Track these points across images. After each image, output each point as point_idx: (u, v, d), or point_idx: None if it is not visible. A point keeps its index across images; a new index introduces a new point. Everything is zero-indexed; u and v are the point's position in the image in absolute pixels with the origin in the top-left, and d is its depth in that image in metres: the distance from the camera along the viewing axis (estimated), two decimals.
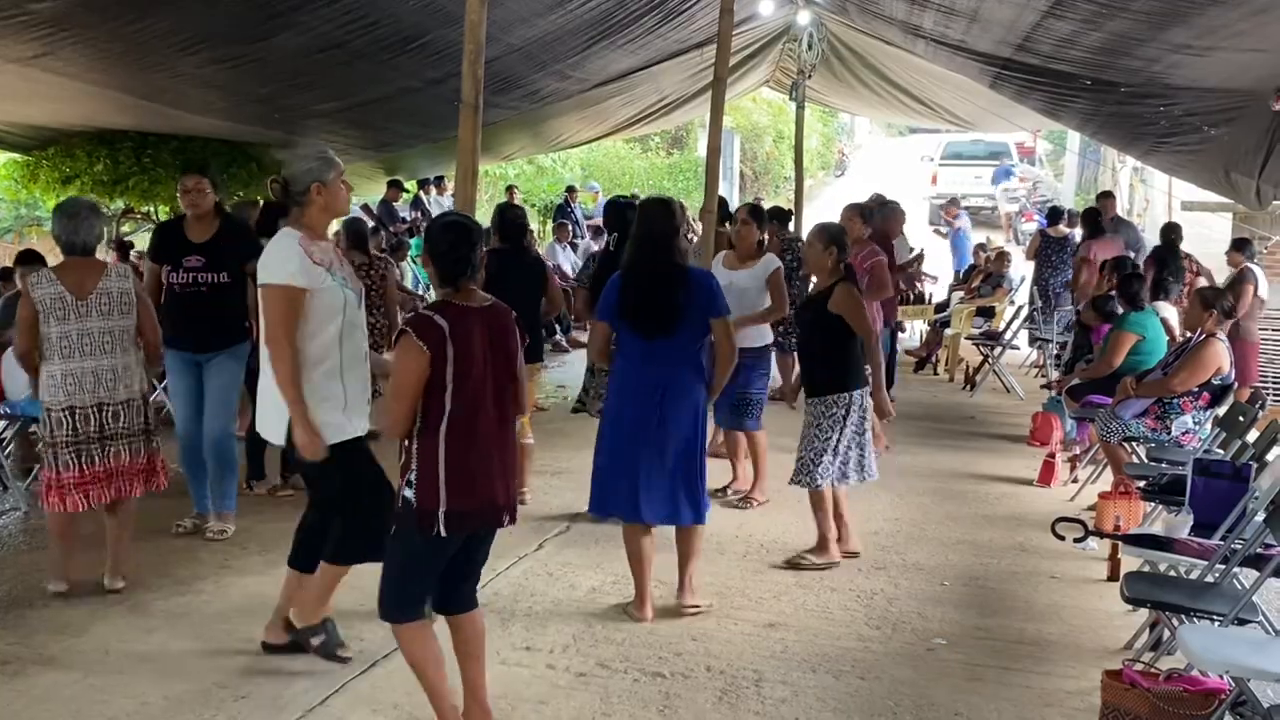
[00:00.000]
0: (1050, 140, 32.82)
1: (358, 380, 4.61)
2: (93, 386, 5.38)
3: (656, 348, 5.22)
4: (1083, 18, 7.64)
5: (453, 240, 3.93)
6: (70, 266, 5.43)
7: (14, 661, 4.78)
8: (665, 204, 5.45)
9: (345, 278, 4.60)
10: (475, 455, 3.87)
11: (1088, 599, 5.86)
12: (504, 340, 3.96)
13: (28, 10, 6.63)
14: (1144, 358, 7.96)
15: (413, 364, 3.77)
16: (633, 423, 5.23)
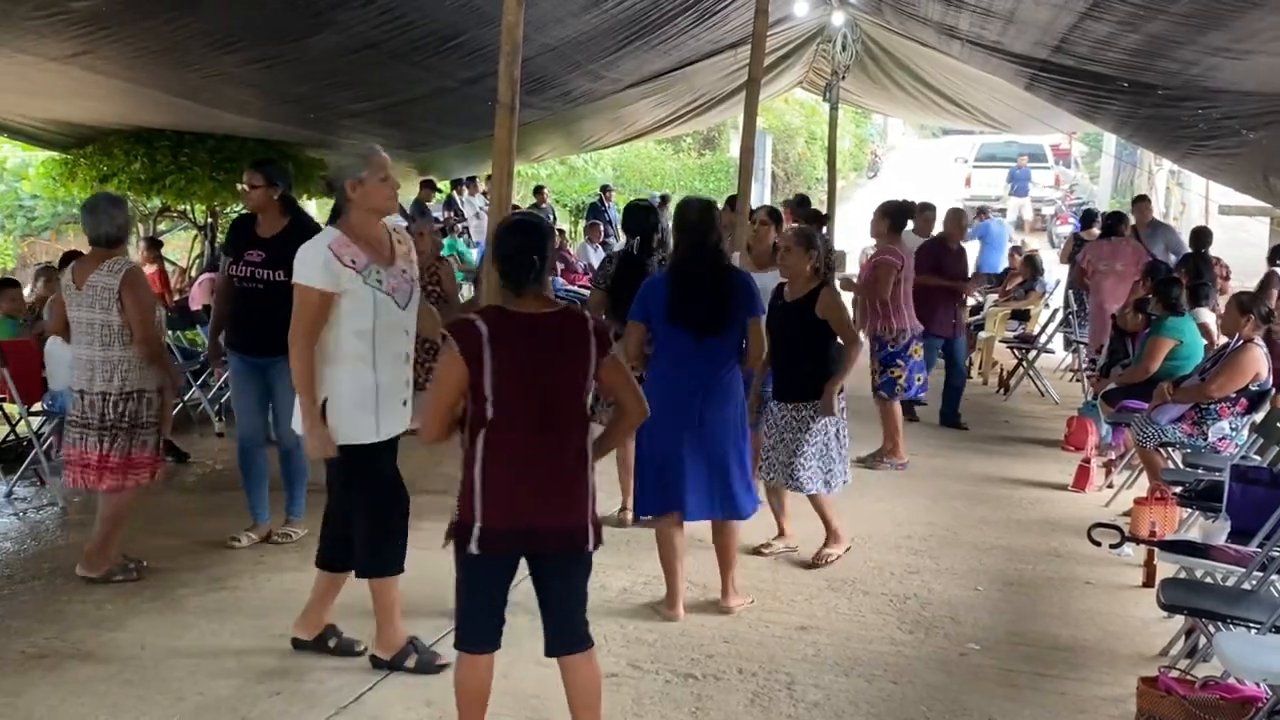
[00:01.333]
0: (1086, 142, 32.63)
1: (393, 383, 4.61)
2: (91, 375, 5.56)
3: (700, 348, 5.23)
4: (1120, 19, 7.58)
5: (516, 242, 3.71)
6: (86, 258, 5.64)
7: (51, 655, 4.83)
8: (706, 205, 5.47)
9: (384, 279, 4.56)
10: (517, 472, 3.63)
11: (1123, 605, 5.82)
12: (568, 351, 3.68)
13: (68, 9, 6.68)
14: (1181, 363, 7.90)
15: (449, 368, 3.64)
16: (672, 423, 5.22)
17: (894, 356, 8.53)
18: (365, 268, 4.52)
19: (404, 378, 4.68)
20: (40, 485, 7.60)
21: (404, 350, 4.68)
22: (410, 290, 4.71)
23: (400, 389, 4.67)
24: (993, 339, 12.87)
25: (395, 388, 4.64)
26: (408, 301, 4.67)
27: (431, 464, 8.12)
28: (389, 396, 4.60)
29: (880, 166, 37.93)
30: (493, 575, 3.73)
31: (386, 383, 4.58)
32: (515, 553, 3.73)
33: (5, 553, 6.39)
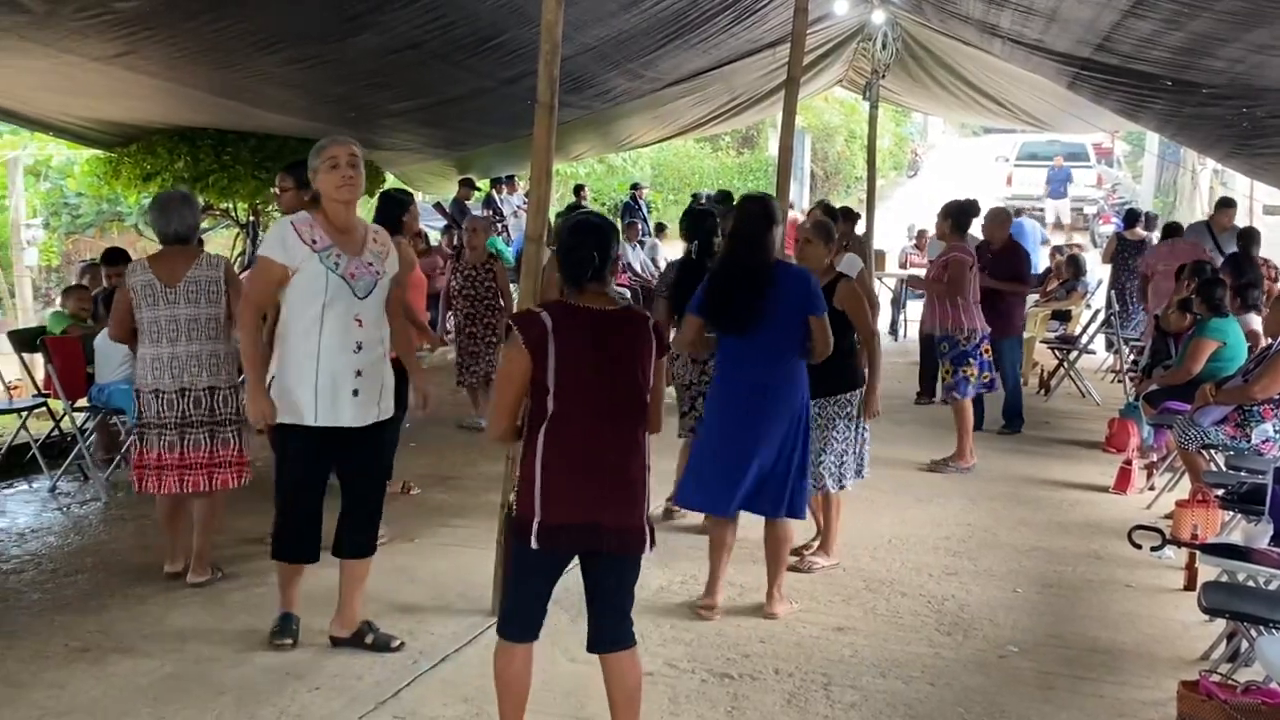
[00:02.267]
0: (1129, 141, 32.35)
1: (338, 371, 4.62)
2: (178, 372, 5.50)
3: (748, 344, 5.21)
4: (1164, 17, 7.50)
5: (579, 239, 3.72)
6: (164, 255, 5.60)
7: (94, 649, 4.89)
8: (763, 202, 5.43)
9: (343, 263, 4.61)
10: (579, 468, 3.63)
11: (1163, 608, 5.77)
12: (630, 349, 3.70)
13: (112, 9, 6.75)
14: (1224, 364, 7.82)
15: (514, 359, 3.65)
16: (730, 419, 5.24)
17: (966, 355, 8.49)
18: (325, 248, 4.60)
19: (353, 368, 4.65)
20: (84, 480, 7.70)
21: (355, 339, 4.64)
22: (373, 282, 4.70)
23: (347, 379, 4.64)
24: (1033, 339, 12.78)
25: (341, 376, 4.63)
26: (368, 292, 4.67)
27: (465, 462, 8.18)
28: (332, 383, 4.61)
29: (920, 165, 37.74)
30: (545, 569, 3.75)
31: (330, 369, 4.61)
32: (574, 549, 3.72)
33: (49, 547, 6.48)
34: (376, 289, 4.72)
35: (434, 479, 7.74)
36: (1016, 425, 9.98)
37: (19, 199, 17.52)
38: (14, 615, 5.35)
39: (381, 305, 4.77)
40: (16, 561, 6.19)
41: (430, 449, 8.63)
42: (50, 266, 18.87)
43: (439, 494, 7.50)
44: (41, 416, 8.38)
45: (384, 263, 4.79)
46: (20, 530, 6.78)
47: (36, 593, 5.68)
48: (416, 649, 4.94)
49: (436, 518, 6.95)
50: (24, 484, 7.84)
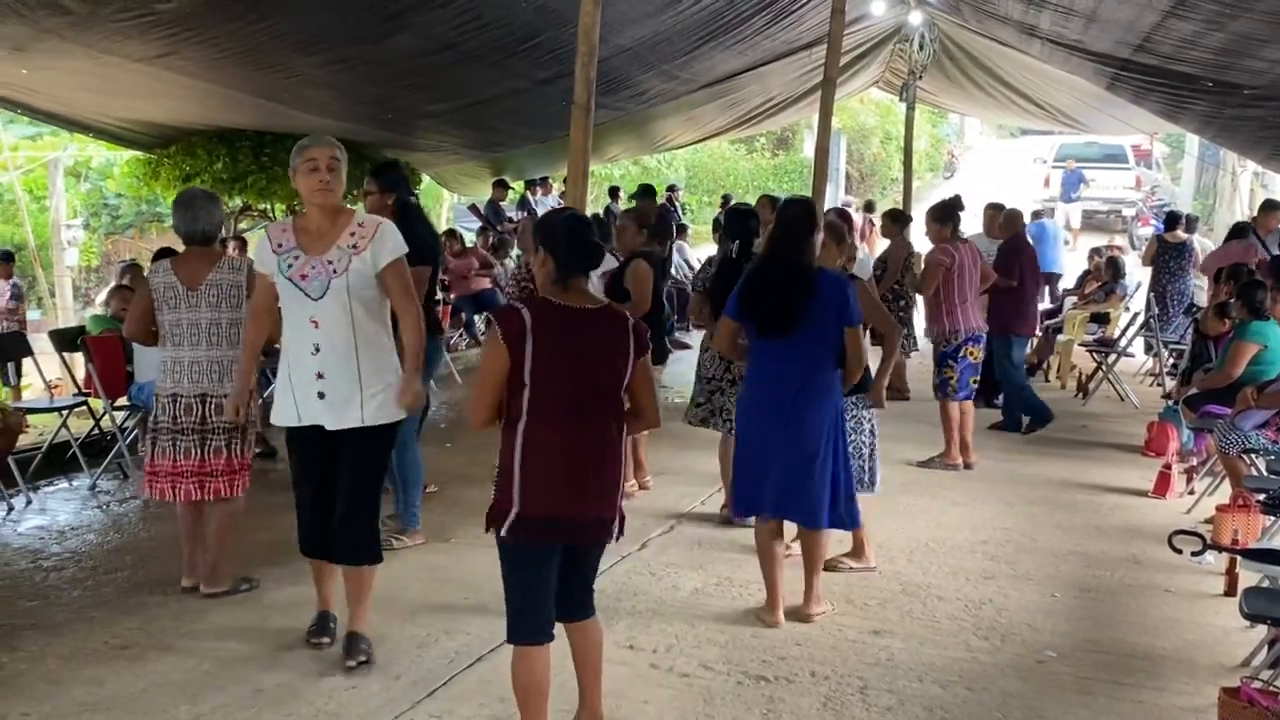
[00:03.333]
0: (1168, 143, 32.06)
1: (301, 374, 4.60)
2: (197, 376, 5.38)
3: (783, 347, 5.16)
4: (1205, 18, 7.44)
5: (567, 234, 3.77)
6: (186, 257, 5.48)
7: (134, 646, 4.93)
8: (805, 205, 5.42)
9: (295, 265, 4.54)
10: (556, 462, 3.68)
11: (1203, 614, 5.70)
12: (608, 348, 3.75)
13: (153, 10, 6.82)
14: (1265, 368, 7.73)
15: (492, 353, 3.70)
16: (764, 422, 5.21)
17: (945, 357, 8.49)
18: (285, 251, 4.58)
19: (313, 370, 4.57)
20: (124, 478, 7.77)
21: (311, 342, 4.55)
22: (326, 282, 4.51)
23: (310, 380, 4.59)
24: (1071, 342, 12.70)
25: (305, 378, 4.61)
26: (322, 293, 4.52)
27: (468, 463, 8.18)
28: (301, 385, 4.62)
29: (957, 167, 37.52)
30: (535, 565, 3.77)
31: (293, 371, 4.63)
32: (552, 542, 3.76)
33: (89, 545, 6.53)
34: (332, 288, 4.51)
35: (468, 479, 7.75)
36: (1009, 424, 9.97)
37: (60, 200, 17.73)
38: (54, 612, 5.39)
39: (344, 306, 4.53)
40: (57, 559, 6.25)
41: (464, 449, 8.64)
42: (90, 267, 19.08)
43: (474, 494, 7.47)
44: (82, 415, 8.45)
45: (355, 258, 4.54)
46: (61, 528, 6.84)
47: (77, 590, 5.73)
48: (452, 648, 4.95)
49: (471, 517, 6.89)
50: (64, 482, 7.91)
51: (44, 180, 18.57)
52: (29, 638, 5.03)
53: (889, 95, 20.60)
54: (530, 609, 3.80)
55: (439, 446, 8.82)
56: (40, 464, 8.01)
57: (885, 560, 6.27)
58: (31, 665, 4.75)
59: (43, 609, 5.44)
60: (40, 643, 4.98)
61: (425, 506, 6.90)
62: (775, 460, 5.19)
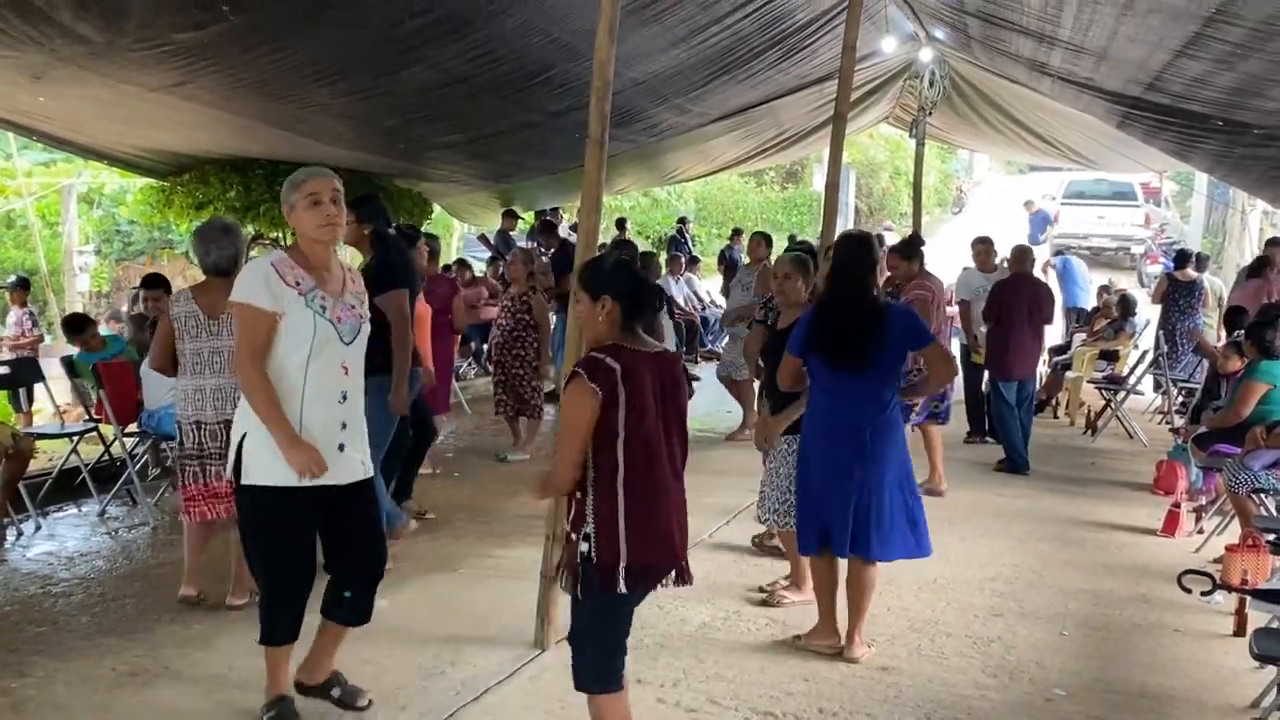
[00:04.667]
0: (1176, 181, 32.05)
1: (325, 423, 4.21)
2: (220, 403, 5.44)
3: (856, 382, 5.15)
4: (1216, 58, 7.47)
5: (634, 279, 3.76)
6: (207, 286, 5.53)
7: (141, 673, 4.93)
8: (863, 241, 5.42)
9: (329, 305, 4.21)
10: (655, 508, 3.71)
11: (1212, 654, 5.68)
12: (675, 389, 3.79)
13: (171, 40, 6.89)
14: (1274, 407, 7.74)
15: (584, 405, 3.59)
16: (838, 460, 5.16)
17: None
18: (310, 291, 4.18)
19: (339, 420, 4.24)
20: (133, 505, 7.78)
21: (340, 389, 4.25)
22: (358, 326, 4.32)
23: (334, 431, 4.23)
24: (1080, 379, 12.70)
25: (328, 428, 4.22)
26: (354, 337, 4.28)
27: (508, 494, 8.19)
28: (317, 437, 4.18)
29: (965, 202, 37.62)
30: (628, 612, 3.83)
31: (315, 421, 4.18)
32: (651, 588, 3.81)
33: (98, 571, 6.54)
34: (361, 333, 4.34)
35: (475, 510, 7.76)
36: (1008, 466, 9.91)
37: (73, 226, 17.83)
38: (62, 638, 5.40)
39: (363, 352, 4.37)
40: (65, 585, 6.26)
41: (472, 479, 8.65)
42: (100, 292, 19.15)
43: (481, 524, 7.50)
44: (91, 441, 8.47)
45: (364, 305, 4.42)
46: (69, 554, 6.85)
47: (85, 616, 5.74)
48: (459, 680, 4.94)
49: (479, 548, 6.96)
50: (74, 508, 7.93)
51: (57, 206, 18.69)
52: (37, 663, 5.03)
53: (898, 130, 20.67)
54: (617, 658, 3.83)
55: (447, 477, 8.83)
56: (50, 489, 8.03)
57: (894, 596, 6.26)
58: (40, 691, 4.75)
59: (51, 634, 5.45)
60: (49, 668, 4.98)
61: (432, 535, 6.94)
62: (850, 495, 5.15)
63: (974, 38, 11.31)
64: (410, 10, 7.28)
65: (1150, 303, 14.60)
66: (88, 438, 8.39)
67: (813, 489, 5.29)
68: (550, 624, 5.21)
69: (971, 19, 10.31)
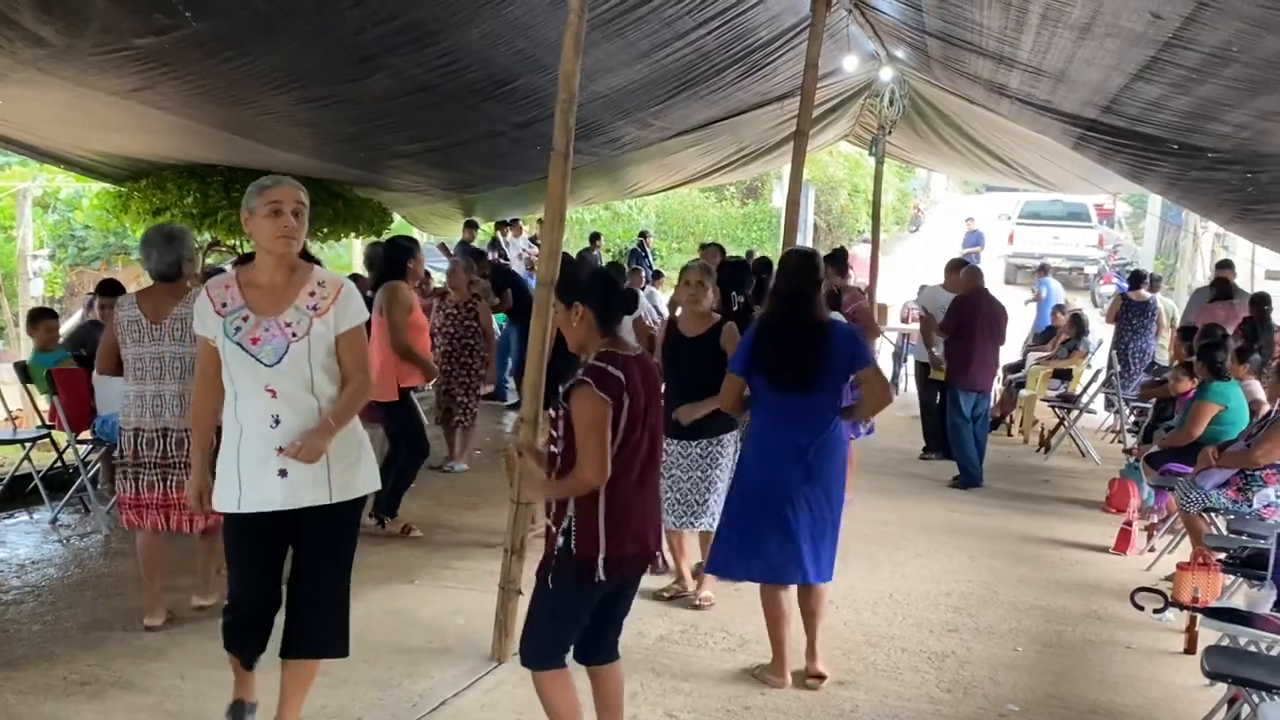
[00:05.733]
0: (1130, 203, 32.50)
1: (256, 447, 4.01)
2: (159, 410, 5.39)
3: (801, 403, 5.09)
4: (1172, 82, 7.57)
5: (603, 285, 3.93)
6: (151, 292, 5.50)
7: (93, 683, 4.87)
8: (808, 257, 5.34)
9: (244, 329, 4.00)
10: (634, 502, 3.88)
11: (1164, 671, 5.75)
12: (655, 389, 3.95)
13: (132, 45, 6.82)
14: (1225, 428, 7.85)
15: (599, 409, 3.71)
16: (781, 482, 5.08)
17: None
18: (232, 311, 4.01)
19: (271, 445, 3.99)
20: (85, 512, 7.69)
21: (270, 413, 3.99)
22: (284, 346, 4.01)
23: (269, 458, 4.00)
24: (1034, 397, 12.82)
25: (260, 455, 4.00)
26: (278, 358, 3.99)
27: (464, 505, 8.17)
28: (251, 463, 4.01)
29: (923, 221, 37.91)
30: (593, 601, 3.94)
31: (248, 448, 4.01)
32: (628, 576, 3.99)
33: (49, 579, 6.46)
34: (290, 353, 4.00)
35: (431, 521, 7.72)
36: (962, 481, 10.03)
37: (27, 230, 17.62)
38: (13, 647, 5.32)
39: (305, 372, 4.03)
40: (17, 593, 6.18)
41: (426, 490, 8.61)
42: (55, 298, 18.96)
43: (438, 535, 7.48)
44: (44, 447, 8.37)
45: (317, 320, 4.06)
46: (21, 562, 6.76)
47: (36, 624, 5.66)
48: (416, 692, 4.92)
49: (436, 559, 6.93)
50: (25, 515, 7.82)
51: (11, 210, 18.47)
52: None
53: (857, 149, 20.81)
54: (568, 640, 3.99)
55: None
56: (1, 496, 7.92)
57: (850, 611, 6.30)
58: None
59: (1, 643, 5.38)
60: None
61: (389, 548, 6.92)
62: (796, 519, 5.08)
63: (934, 58, 11.41)
64: (373, 18, 7.25)
65: (1104, 322, 14.77)
66: (40, 444, 8.29)
67: (748, 510, 5.18)
68: (508, 636, 5.19)
69: (932, 39, 10.41)
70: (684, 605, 6.21)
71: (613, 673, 4.14)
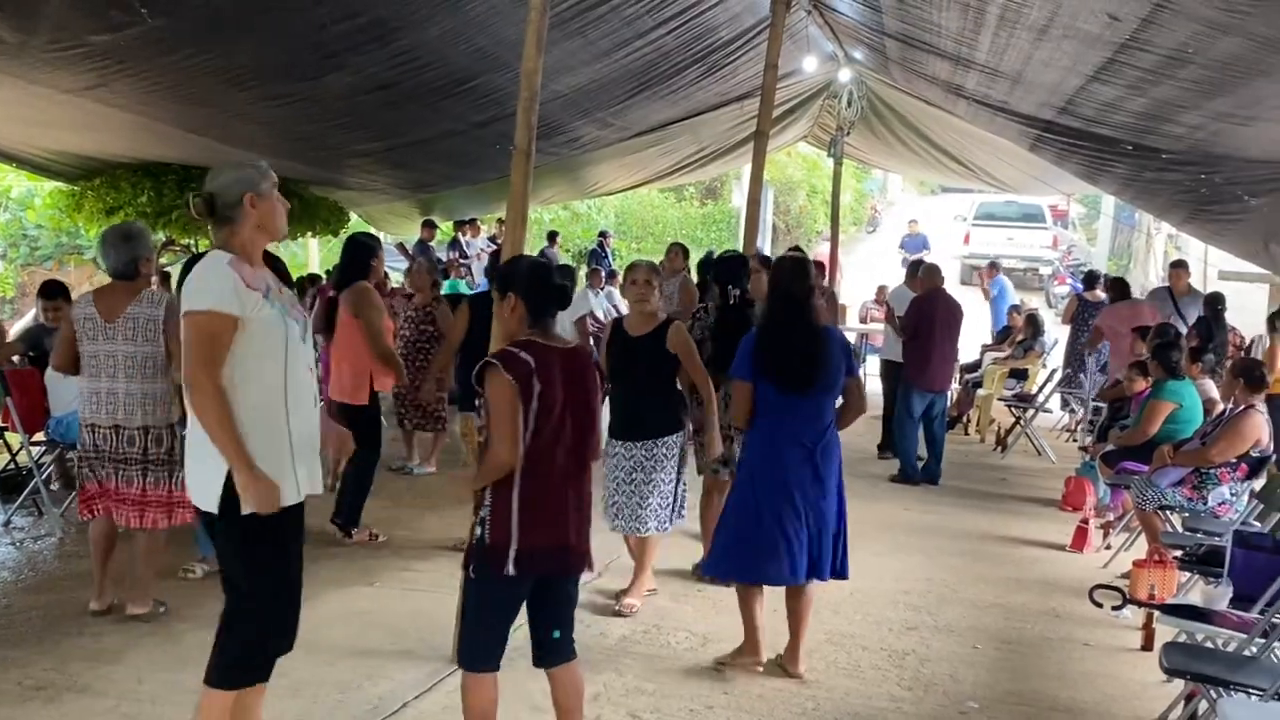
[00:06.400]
0: (1084, 204, 32.80)
1: (307, 428, 3.84)
2: (113, 408, 5.42)
3: (805, 405, 5.16)
4: (1128, 84, 7.64)
5: (535, 278, 3.94)
6: (107, 290, 5.54)
7: (49, 687, 4.81)
8: (801, 263, 5.45)
9: (287, 305, 3.84)
10: (550, 496, 3.84)
11: (1121, 668, 5.80)
12: (583, 383, 3.91)
13: (87, 42, 6.74)
14: (1180, 426, 7.93)
15: (505, 395, 3.72)
16: (790, 482, 5.14)
17: None
18: (268, 292, 3.75)
19: (315, 425, 3.91)
20: (38, 515, 7.58)
21: (313, 392, 3.92)
22: (303, 320, 3.93)
23: (313, 435, 3.90)
24: (991, 396, 12.90)
25: (309, 435, 3.86)
26: (304, 332, 3.89)
27: (425, 506, 8.12)
28: (305, 447, 3.83)
29: (880, 221, 38.07)
30: (515, 597, 3.91)
31: (299, 432, 3.79)
32: (544, 572, 3.89)
33: (3, 582, 6.37)
34: (305, 327, 3.93)
35: (391, 522, 7.67)
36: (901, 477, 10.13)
37: None
38: None
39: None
40: None
41: (386, 492, 8.55)
42: (5, 298, 18.71)
43: (397, 538, 7.42)
44: None
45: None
46: None
47: None
48: (376, 695, 4.88)
49: (395, 562, 6.89)
50: None
51: None
52: None
53: (816, 149, 20.88)
54: (498, 641, 3.92)
55: None
56: None
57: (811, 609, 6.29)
58: None
59: None
60: None
61: (348, 551, 6.88)
62: (804, 521, 5.14)
63: (892, 59, 11.47)
64: (333, 15, 7.20)
65: (1060, 323, 14.89)
66: None
67: (756, 513, 5.19)
68: None
69: (890, 40, 10.46)
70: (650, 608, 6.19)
71: (569, 674, 4.07)
